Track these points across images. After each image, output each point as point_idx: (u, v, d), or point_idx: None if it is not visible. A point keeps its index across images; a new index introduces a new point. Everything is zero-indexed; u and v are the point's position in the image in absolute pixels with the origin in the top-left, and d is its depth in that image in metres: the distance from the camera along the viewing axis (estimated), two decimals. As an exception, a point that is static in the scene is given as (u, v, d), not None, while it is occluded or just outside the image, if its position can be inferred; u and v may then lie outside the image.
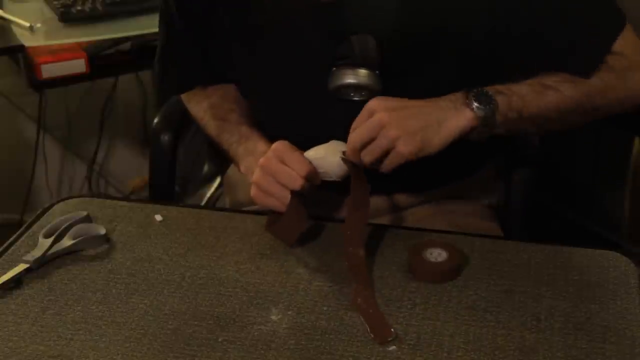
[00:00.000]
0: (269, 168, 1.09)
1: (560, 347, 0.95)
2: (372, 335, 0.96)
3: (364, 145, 1.06)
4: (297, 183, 1.08)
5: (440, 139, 1.05)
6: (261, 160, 1.10)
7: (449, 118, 1.06)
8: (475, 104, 1.06)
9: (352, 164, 1.08)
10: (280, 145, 1.10)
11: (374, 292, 1.03)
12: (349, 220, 1.09)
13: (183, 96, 1.38)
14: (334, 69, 1.14)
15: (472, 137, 1.08)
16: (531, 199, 1.48)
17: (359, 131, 1.06)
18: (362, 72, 1.13)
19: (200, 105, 1.33)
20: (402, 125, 1.04)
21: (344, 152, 1.09)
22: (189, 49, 1.27)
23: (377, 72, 1.13)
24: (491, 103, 1.07)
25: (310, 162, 1.09)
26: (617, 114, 1.18)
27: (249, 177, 1.16)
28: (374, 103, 1.06)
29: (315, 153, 1.11)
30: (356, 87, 1.14)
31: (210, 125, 1.30)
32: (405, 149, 1.04)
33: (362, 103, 1.12)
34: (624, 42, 1.15)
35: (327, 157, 1.10)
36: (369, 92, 1.13)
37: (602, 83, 1.13)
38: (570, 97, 1.12)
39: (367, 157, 1.06)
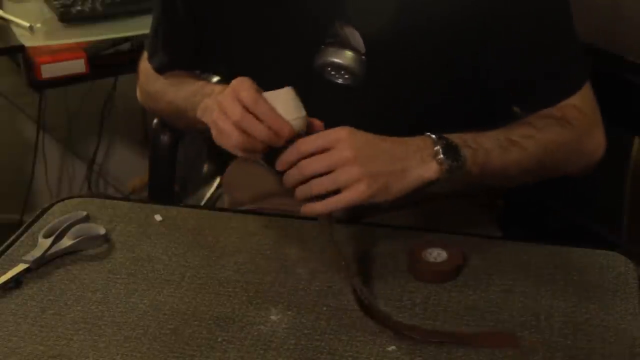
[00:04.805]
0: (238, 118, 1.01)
1: (560, 347, 0.94)
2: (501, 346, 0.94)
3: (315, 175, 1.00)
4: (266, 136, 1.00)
5: (400, 188, 1.01)
6: (220, 98, 1.03)
7: (414, 167, 1.01)
8: (443, 158, 1.02)
9: (328, 222, 1.04)
10: (245, 89, 1.02)
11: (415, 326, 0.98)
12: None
13: (142, 76, 1.36)
14: (322, 47, 1.14)
15: (430, 189, 1.05)
16: (531, 199, 1.48)
17: (316, 161, 0.99)
18: (348, 53, 1.13)
19: (158, 78, 1.31)
20: (367, 165, 0.98)
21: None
22: (181, 33, 1.26)
23: (362, 56, 1.13)
24: (458, 159, 1.03)
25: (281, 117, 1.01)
26: (570, 173, 1.19)
27: (205, 118, 1.11)
28: (342, 133, 1.00)
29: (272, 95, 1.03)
30: (339, 67, 1.14)
31: (167, 91, 1.28)
32: (362, 190, 0.98)
33: (344, 87, 1.12)
34: (584, 98, 1.17)
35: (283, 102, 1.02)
36: (352, 74, 1.14)
37: (561, 138, 1.13)
38: (532, 154, 1.11)
39: (316, 188, 0.99)
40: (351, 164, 0.98)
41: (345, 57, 1.13)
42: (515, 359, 0.93)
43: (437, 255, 1.08)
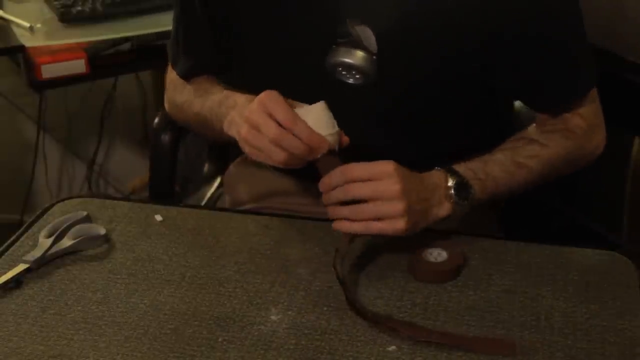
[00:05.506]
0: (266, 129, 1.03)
1: (560, 347, 0.95)
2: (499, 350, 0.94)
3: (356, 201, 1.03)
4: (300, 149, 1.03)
5: (423, 225, 1.07)
6: (247, 113, 1.04)
7: (434, 206, 1.08)
8: (455, 196, 1.08)
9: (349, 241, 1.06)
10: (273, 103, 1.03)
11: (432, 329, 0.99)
12: None
13: (169, 83, 1.36)
14: (334, 46, 1.14)
15: (441, 224, 1.10)
16: (531, 198, 1.48)
17: (364, 187, 1.02)
18: (359, 53, 1.13)
19: (185, 88, 1.31)
20: (410, 202, 1.03)
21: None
22: (202, 35, 1.26)
23: (374, 57, 1.13)
24: (468, 197, 1.09)
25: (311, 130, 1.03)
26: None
27: (231, 132, 1.12)
28: (390, 167, 1.03)
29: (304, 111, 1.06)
30: (350, 67, 1.14)
31: (194, 102, 1.28)
32: (400, 226, 1.02)
33: (355, 87, 1.13)
34: (588, 103, 1.20)
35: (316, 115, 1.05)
36: (363, 74, 1.14)
37: (564, 151, 1.19)
38: (537, 171, 1.17)
39: (357, 213, 1.03)
40: (398, 199, 1.02)
41: (356, 57, 1.13)
42: (515, 359, 0.93)
43: (437, 255, 1.08)
